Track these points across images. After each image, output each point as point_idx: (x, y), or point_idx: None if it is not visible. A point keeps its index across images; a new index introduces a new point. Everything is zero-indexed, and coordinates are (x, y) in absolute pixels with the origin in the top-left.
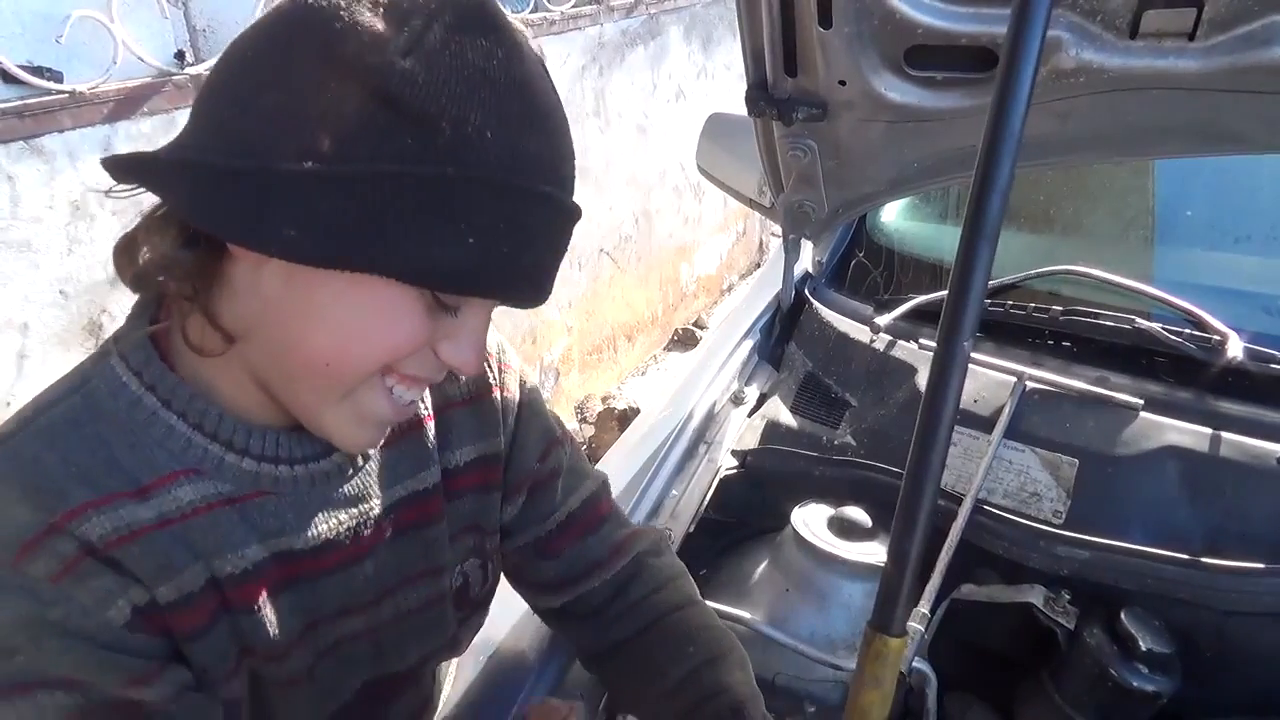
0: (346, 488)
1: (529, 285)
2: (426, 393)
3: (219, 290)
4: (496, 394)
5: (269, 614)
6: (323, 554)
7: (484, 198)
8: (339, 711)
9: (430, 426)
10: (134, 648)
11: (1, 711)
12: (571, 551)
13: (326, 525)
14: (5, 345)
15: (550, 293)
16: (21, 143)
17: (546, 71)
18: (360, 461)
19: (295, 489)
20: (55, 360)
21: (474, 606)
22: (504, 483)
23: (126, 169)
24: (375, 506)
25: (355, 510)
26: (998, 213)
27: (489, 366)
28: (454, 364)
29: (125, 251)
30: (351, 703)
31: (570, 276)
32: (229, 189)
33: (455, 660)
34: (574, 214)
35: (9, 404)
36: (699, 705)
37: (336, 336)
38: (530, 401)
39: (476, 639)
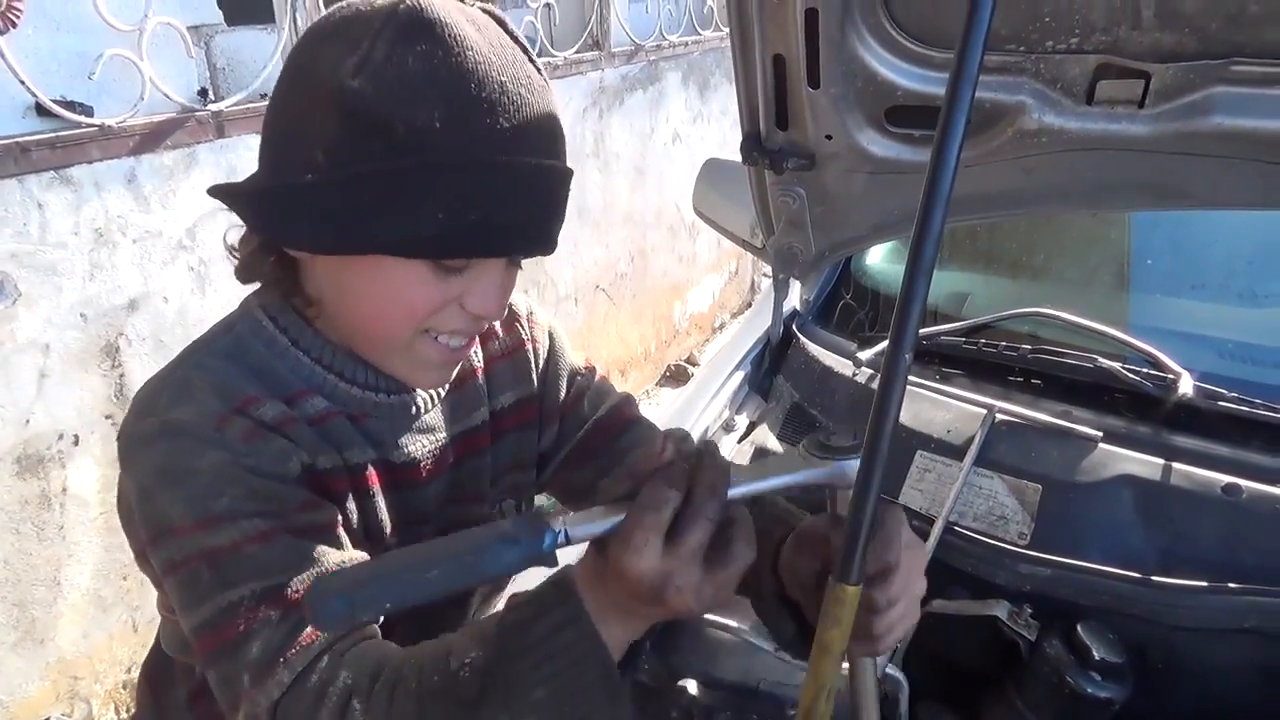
0: (426, 418)
1: (518, 240)
2: (479, 347)
3: (302, 277)
4: (529, 346)
5: (380, 503)
6: (410, 469)
7: (443, 179)
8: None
9: (481, 377)
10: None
11: (213, 536)
12: (606, 452)
13: (413, 446)
14: (28, 365)
15: (551, 242)
16: (52, 172)
17: (509, 47)
18: (435, 401)
19: (391, 414)
20: (74, 380)
21: None
22: (540, 417)
23: (222, 195)
24: (443, 437)
25: (432, 437)
26: (931, 258)
27: (521, 325)
28: (479, 313)
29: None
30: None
31: (567, 311)
32: (266, 204)
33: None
34: (553, 171)
35: (28, 421)
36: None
37: (370, 308)
38: (556, 347)
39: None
